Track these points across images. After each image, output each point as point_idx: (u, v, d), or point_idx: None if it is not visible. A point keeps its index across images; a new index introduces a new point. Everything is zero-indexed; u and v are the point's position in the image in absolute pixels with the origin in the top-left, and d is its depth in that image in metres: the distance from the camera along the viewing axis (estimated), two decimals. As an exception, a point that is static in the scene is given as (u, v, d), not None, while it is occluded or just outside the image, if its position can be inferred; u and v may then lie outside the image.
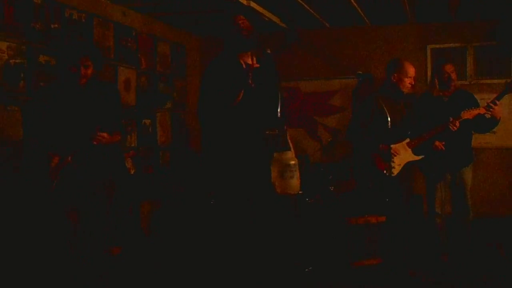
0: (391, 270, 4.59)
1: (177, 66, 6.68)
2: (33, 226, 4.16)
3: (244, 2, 5.17)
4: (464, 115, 4.60)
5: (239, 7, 5.07)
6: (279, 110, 3.44)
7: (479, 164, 5.98)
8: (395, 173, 4.55)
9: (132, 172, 5.72)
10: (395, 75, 4.61)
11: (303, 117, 6.93)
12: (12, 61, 4.25)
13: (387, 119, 4.51)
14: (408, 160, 4.62)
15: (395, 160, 4.54)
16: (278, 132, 3.41)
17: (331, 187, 5.35)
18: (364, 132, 4.60)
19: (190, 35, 7.00)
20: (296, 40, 6.83)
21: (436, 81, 4.86)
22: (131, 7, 5.72)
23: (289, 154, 3.35)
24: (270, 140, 3.38)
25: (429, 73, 6.37)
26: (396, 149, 4.56)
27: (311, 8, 5.77)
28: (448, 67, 4.82)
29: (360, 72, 6.67)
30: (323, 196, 5.24)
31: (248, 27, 3.48)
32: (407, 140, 4.63)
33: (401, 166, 4.58)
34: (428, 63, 6.55)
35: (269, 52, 3.46)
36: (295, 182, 3.33)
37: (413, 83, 4.66)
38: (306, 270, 4.62)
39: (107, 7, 5.42)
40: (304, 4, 5.55)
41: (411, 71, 4.62)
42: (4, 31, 4.18)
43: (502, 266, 4.81)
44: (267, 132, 3.40)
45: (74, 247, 3.86)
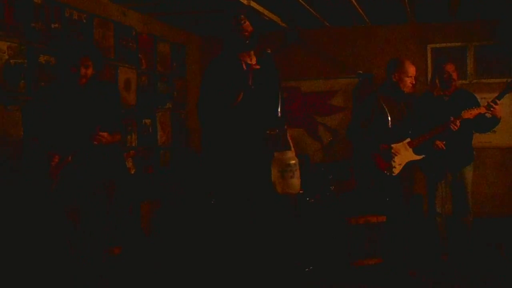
0: (391, 270, 4.59)
1: (177, 66, 6.67)
2: (33, 226, 4.16)
3: (244, 1, 5.17)
4: (464, 115, 4.60)
5: (239, 7, 5.06)
6: (279, 110, 3.44)
7: (479, 164, 5.97)
8: (396, 172, 4.54)
9: (132, 172, 5.72)
10: (396, 74, 4.60)
11: (303, 117, 6.92)
12: (12, 61, 4.24)
13: (388, 118, 4.51)
14: (409, 159, 4.61)
15: (396, 159, 4.54)
16: (278, 132, 3.40)
17: (331, 187, 5.34)
18: (365, 132, 4.60)
19: (190, 35, 7.00)
20: (296, 40, 6.84)
21: (436, 80, 4.85)
22: (131, 7, 5.72)
23: (289, 154, 3.35)
24: (271, 140, 3.38)
25: (429, 72, 6.36)
26: (397, 148, 4.55)
27: (311, 8, 5.77)
28: (449, 67, 4.82)
29: (360, 71, 6.69)
30: (324, 196, 5.24)
31: (249, 28, 3.48)
32: (408, 139, 4.62)
33: (401, 166, 4.57)
34: (428, 62, 6.56)
35: (269, 52, 3.46)
36: (296, 181, 3.33)
37: (413, 82, 4.65)
38: (306, 270, 4.61)
39: (107, 7, 5.42)
40: (304, 4, 5.55)
41: (412, 70, 4.62)
42: (4, 31, 4.17)
43: (502, 266, 4.81)
44: (268, 132, 3.39)
45: (74, 247, 3.86)
